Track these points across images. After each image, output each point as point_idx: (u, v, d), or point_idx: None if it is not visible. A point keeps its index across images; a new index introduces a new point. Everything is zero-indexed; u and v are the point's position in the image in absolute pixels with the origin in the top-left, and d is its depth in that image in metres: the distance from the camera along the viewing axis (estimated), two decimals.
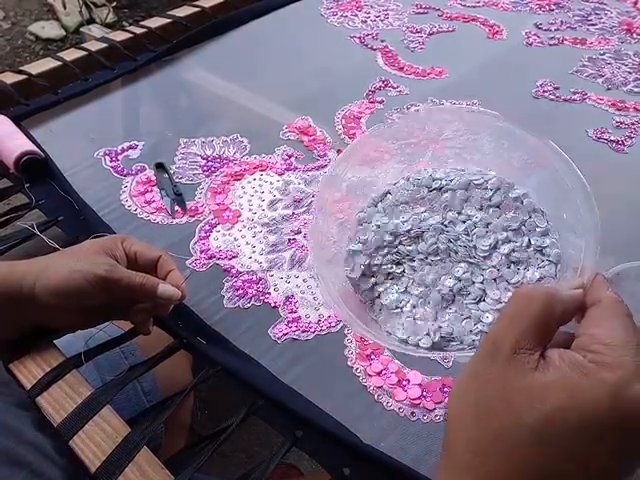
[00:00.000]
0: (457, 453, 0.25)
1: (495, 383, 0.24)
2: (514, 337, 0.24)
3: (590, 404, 0.22)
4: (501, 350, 0.24)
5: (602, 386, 0.22)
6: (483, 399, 0.24)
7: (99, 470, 0.39)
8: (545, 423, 0.22)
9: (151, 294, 0.46)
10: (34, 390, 0.44)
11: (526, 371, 0.24)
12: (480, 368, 0.25)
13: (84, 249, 0.47)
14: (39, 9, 2.44)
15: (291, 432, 0.43)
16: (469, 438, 0.25)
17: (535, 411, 0.23)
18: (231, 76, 0.86)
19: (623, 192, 0.66)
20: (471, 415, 0.25)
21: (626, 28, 1.00)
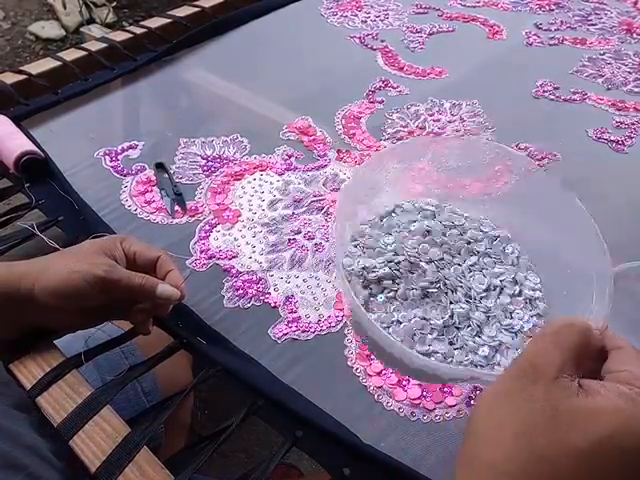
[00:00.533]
0: (486, 471, 0.25)
1: (539, 402, 0.24)
2: (560, 361, 0.25)
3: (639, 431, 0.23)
4: (544, 372, 0.25)
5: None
6: (524, 417, 0.24)
7: (99, 470, 0.39)
8: (596, 448, 0.23)
9: (150, 294, 0.46)
10: (34, 390, 0.44)
11: (571, 395, 0.24)
12: (516, 387, 0.25)
13: (83, 249, 0.47)
14: (39, 9, 2.44)
15: (291, 432, 0.43)
16: (503, 454, 0.24)
17: (587, 434, 0.23)
18: (231, 76, 0.86)
19: (623, 192, 0.66)
20: (508, 433, 0.24)
21: (626, 28, 1.00)
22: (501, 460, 0.24)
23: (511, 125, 0.76)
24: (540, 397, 0.24)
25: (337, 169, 0.69)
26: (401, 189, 0.67)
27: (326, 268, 0.57)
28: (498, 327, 0.45)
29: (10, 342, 0.46)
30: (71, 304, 0.44)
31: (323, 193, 0.65)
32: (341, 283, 0.42)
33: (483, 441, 0.25)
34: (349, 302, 0.41)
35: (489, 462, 0.24)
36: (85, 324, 0.48)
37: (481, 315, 0.46)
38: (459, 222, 0.53)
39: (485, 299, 0.47)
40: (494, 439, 0.25)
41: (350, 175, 0.68)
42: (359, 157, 0.70)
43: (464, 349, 0.44)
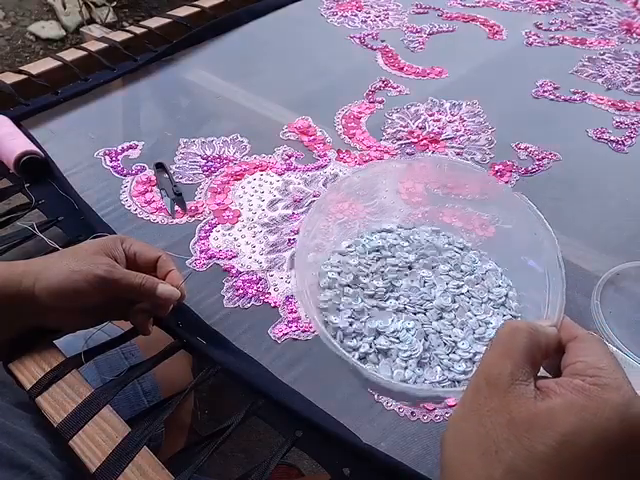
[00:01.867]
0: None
1: (497, 416, 0.24)
2: (509, 369, 0.25)
3: (601, 424, 0.22)
4: (497, 384, 0.24)
5: (609, 405, 0.23)
6: (486, 434, 0.24)
7: (99, 470, 0.39)
8: (559, 448, 0.22)
9: (150, 294, 0.46)
10: (34, 390, 0.44)
11: (527, 400, 0.24)
12: (475, 406, 0.25)
13: (83, 249, 0.46)
14: (39, 9, 2.44)
15: (291, 432, 0.43)
16: (476, 476, 0.23)
17: (547, 438, 0.22)
18: (231, 76, 0.87)
19: (623, 192, 0.66)
20: (475, 453, 0.24)
21: (626, 28, 1.00)
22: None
23: (511, 125, 0.76)
24: (498, 409, 0.24)
25: (337, 169, 0.69)
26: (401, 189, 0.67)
27: None
28: (472, 339, 0.45)
29: (10, 342, 0.46)
30: (71, 303, 0.44)
31: (323, 193, 0.65)
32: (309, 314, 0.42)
33: (455, 468, 0.25)
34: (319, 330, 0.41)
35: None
36: (85, 324, 0.48)
37: (454, 330, 0.45)
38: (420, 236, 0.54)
39: (454, 311, 0.46)
40: (464, 464, 0.24)
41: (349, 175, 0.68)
42: (359, 157, 0.70)
43: (440, 367, 0.43)
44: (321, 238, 0.50)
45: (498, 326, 0.45)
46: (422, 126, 0.76)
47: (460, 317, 0.46)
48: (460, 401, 0.26)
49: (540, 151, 0.71)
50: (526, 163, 0.70)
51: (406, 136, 0.74)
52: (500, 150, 0.72)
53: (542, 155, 0.71)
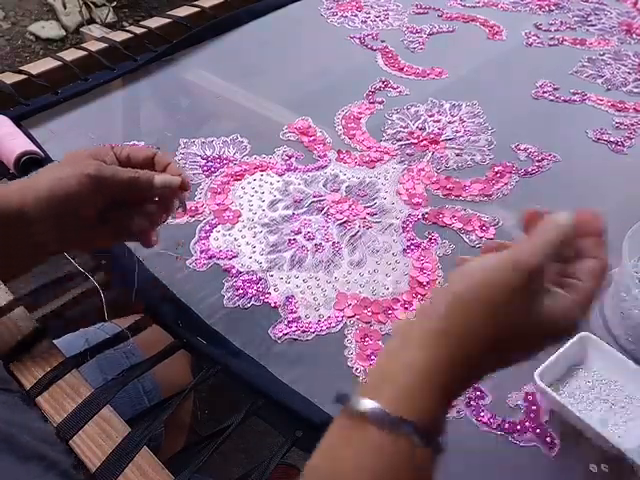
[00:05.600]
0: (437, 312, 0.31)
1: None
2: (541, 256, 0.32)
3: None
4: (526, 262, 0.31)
5: (505, 255, 0.31)
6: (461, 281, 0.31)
7: (99, 470, 0.39)
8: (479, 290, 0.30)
9: (148, 187, 0.43)
10: (34, 390, 0.44)
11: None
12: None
13: (71, 157, 0.43)
14: (39, 9, 2.44)
15: (291, 432, 0.43)
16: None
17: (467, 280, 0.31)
18: (231, 76, 0.87)
19: (623, 193, 0.66)
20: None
21: (626, 29, 1.00)
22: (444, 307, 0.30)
23: (511, 126, 0.76)
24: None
25: (337, 170, 0.69)
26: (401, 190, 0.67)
27: (326, 269, 0.57)
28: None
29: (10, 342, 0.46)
30: (66, 211, 0.41)
31: (323, 194, 0.65)
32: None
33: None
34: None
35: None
36: (83, 240, 0.45)
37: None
38: None
39: None
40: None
41: (350, 175, 0.68)
42: (359, 158, 0.70)
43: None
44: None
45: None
46: (422, 127, 0.76)
47: None
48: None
49: (540, 152, 0.71)
50: (526, 164, 0.70)
51: (406, 137, 0.74)
52: (500, 151, 0.72)
53: (542, 156, 0.71)
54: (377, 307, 0.53)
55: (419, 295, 0.54)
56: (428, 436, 0.28)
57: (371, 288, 0.55)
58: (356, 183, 0.67)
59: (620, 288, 0.48)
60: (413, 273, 0.56)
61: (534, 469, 0.42)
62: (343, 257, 0.58)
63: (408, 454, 0.28)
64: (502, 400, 0.46)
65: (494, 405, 0.46)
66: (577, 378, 0.46)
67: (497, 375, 0.47)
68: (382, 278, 0.56)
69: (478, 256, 0.34)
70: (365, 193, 0.65)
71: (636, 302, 0.46)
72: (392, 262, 0.57)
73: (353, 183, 0.67)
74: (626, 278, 0.46)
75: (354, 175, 0.68)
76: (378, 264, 0.57)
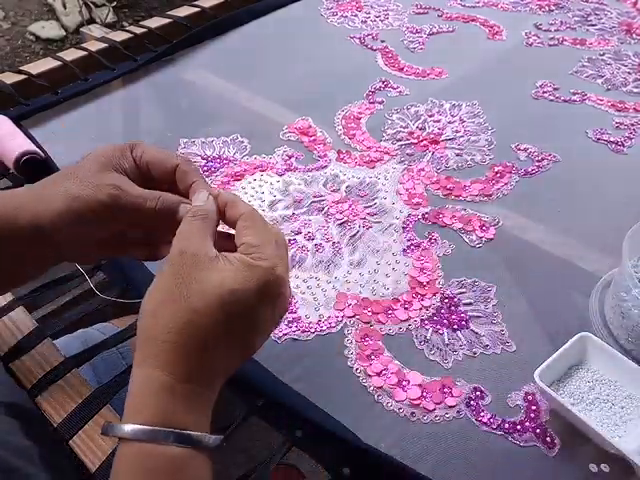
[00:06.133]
0: (160, 336, 0.31)
1: (190, 273, 0.31)
2: (196, 242, 0.33)
3: (254, 283, 0.32)
4: (187, 252, 0.32)
5: (259, 270, 0.32)
6: (181, 287, 0.31)
7: (99, 470, 0.39)
8: (228, 293, 0.31)
9: (170, 216, 0.38)
10: (34, 390, 0.44)
11: (209, 259, 0.32)
12: (173, 269, 0.32)
13: (86, 167, 0.38)
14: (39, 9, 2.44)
15: (291, 432, 0.43)
16: (172, 321, 0.31)
17: (221, 286, 0.31)
18: (231, 76, 0.87)
19: (623, 192, 0.66)
20: (169, 304, 0.31)
21: (626, 29, 1.00)
22: (167, 327, 0.30)
23: (511, 126, 0.76)
24: (188, 271, 0.31)
25: (337, 170, 0.69)
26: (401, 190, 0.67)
27: (326, 269, 0.57)
28: None
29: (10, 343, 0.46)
30: (78, 231, 0.38)
31: (323, 194, 0.65)
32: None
33: (148, 320, 0.32)
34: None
35: (159, 334, 0.31)
36: (103, 254, 0.43)
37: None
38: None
39: None
40: (160, 318, 0.31)
41: (350, 175, 0.68)
42: (359, 158, 0.70)
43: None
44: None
45: None
46: (422, 127, 0.76)
47: None
48: (156, 278, 0.33)
49: (540, 152, 0.71)
50: (526, 164, 0.70)
51: (406, 137, 0.74)
52: (500, 151, 0.72)
53: (542, 156, 0.71)
54: (377, 307, 0.53)
55: (419, 295, 0.54)
56: (177, 435, 0.29)
57: (371, 288, 0.55)
58: (356, 183, 0.67)
59: (620, 288, 0.48)
60: (413, 273, 0.56)
61: (534, 469, 0.42)
62: (343, 257, 0.58)
63: (166, 459, 0.29)
64: (502, 400, 0.46)
65: (494, 405, 0.46)
66: (577, 378, 0.46)
67: (497, 375, 0.48)
68: (382, 278, 0.56)
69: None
70: (365, 193, 0.65)
71: (636, 302, 0.46)
72: (392, 262, 0.57)
73: (353, 183, 0.67)
74: (626, 278, 0.46)
75: (354, 175, 0.68)
76: (378, 264, 0.57)
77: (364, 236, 0.60)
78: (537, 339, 0.50)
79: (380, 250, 0.59)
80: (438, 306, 0.53)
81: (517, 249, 0.59)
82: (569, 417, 0.43)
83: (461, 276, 0.56)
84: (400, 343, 0.50)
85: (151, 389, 0.30)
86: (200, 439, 0.30)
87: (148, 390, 0.30)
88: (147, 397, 0.30)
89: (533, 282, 0.55)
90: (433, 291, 0.54)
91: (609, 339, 0.49)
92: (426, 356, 0.49)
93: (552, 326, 0.51)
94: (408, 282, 0.55)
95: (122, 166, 0.39)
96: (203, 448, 0.30)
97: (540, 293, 0.54)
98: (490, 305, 0.53)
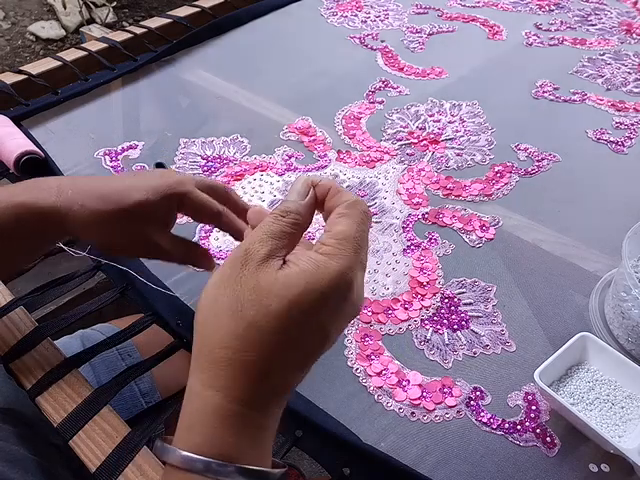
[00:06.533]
0: (209, 352, 0.27)
1: (247, 282, 0.27)
2: (269, 247, 0.28)
3: (319, 287, 0.27)
4: (253, 255, 0.28)
5: (328, 272, 0.27)
6: (236, 297, 0.27)
7: (99, 470, 0.39)
8: (289, 306, 0.26)
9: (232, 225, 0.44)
10: (34, 390, 0.44)
11: (273, 270, 0.27)
12: (231, 273, 0.28)
13: (146, 177, 0.42)
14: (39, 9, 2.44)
15: (291, 432, 0.43)
16: (225, 332, 0.27)
17: (281, 298, 0.26)
18: (231, 76, 0.87)
19: (623, 192, 0.66)
20: (225, 314, 0.27)
21: (626, 28, 1.00)
22: (225, 338, 0.27)
23: (511, 126, 0.76)
24: (249, 277, 0.27)
25: (337, 170, 0.69)
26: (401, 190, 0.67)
27: None
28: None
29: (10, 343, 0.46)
30: (120, 215, 0.39)
31: None
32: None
33: (205, 329, 0.28)
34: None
35: (215, 344, 0.27)
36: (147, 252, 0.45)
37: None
38: None
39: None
40: (214, 324, 0.27)
41: (350, 175, 0.68)
42: (359, 158, 0.70)
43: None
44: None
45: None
46: (422, 127, 0.76)
47: None
48: (219, 270, 0.29)
49: (540, 152, 0.71)
50: (526, 164, 0.70)
51: (406, 137, 0.74)
52: (500, 151, 0.72)
53: (542, 156, 0.71)
54: (377, 307, 0.53)
55: (419, 295, 0.54)
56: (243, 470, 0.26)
57: (371, 288, 0.55)
58: (356, 183, 0.67)
59: (620, 288, 0.48)
60: (413, 273, 0.56)
61: (534, 469, 0.42)
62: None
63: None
64: (502, 400, 0.46)
65: (494, 405, 0.46)
66: (577, 378, 0.46)
67: (497, 375, 0.48)
68: (382, 278, 0.56)
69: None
70: (365, 193, 0.65)
71: (636, 302, 0.46)
72: (392, 262, 0.57)
73: (353, 183, 0.67)
74: (626, 278, 0.46)
75: (354, 175, 0.68)
76: (378, 264, 0.57)
77: None
78: (537, 339, 0.50)
79: (380, 250, 0.59)
80: (438, 306, 0.53)
81: (517, 249, 0.59)
82: (569, 417, 0.43)
83: (461, 276, 0.56)
84: (400, 343, 0.50)
85: (204, 412, 0.27)
86: (259, 473, 0.27)
87: (202, 413, 0.27)
88: (202, 422, 0.27)
89: (533, 282, 0.55)
90: (433, 291, 0.54)
91: (609, 339, 0.49)
92: (426, 356, 0.49)
93: (552, 326, 0.51)
94: (408, 282, 0.55)
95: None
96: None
97: (540, 293, 0.54)
98: (490, 305, 0.53)
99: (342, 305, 0.28)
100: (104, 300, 0.52)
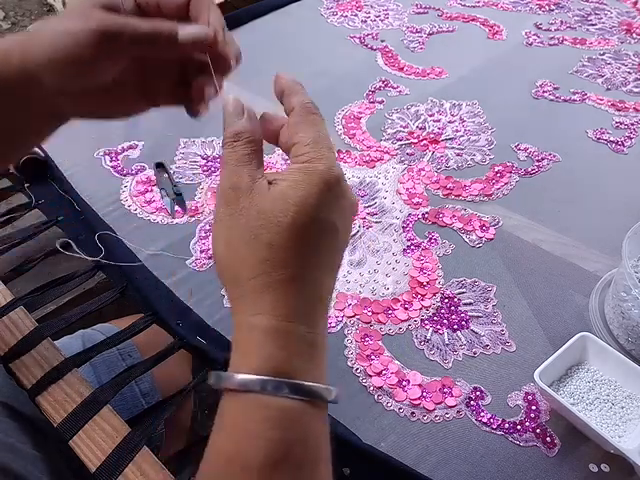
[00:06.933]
0: (243, 287, 0.28)
1: (249, 211, 0.28)
2: (247, 172, 0.29)
3: (315, 189, 0.28)
4: (242, 187, 0.29)
5: (316, 173, 0.28)
6: (245, 227, 0.28)
7: (99, 470, 0.39)
8: (295, 216, 0.27)
9: (171, 40, 0.33)
10: (34, 390, 0.44)
11: (265, 191, 0.28)
12: (229, 210, 0.29)
13: (75, 7, 0.34)
14: (39, 9, 2.44)
15: None
16: (249, 263, 0.28)
17: (285, 212, 0.27)
18: (231, 76, 0.86)
19: (623, 192, 0.66)
20: (241, 247, 0.28)
21: (626, 28, 1.00)
22: (252, 267, 0.28)
23: (511, 125, 0.76)
24: (248, 207, 0.28)
25: None
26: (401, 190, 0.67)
27: None
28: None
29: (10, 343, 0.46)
30: (72, 72, 0.33)
31: None
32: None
33: (230, 266, 0.29)
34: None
35: (245, 277, 0.28)
36: (105, 105, 0.38)
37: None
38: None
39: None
40: (236, 259, 0.28)
41: (350, 175, 0.68)
42: (359, 157, 0.70)
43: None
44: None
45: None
46: (422, 126, 0.76)
47: None
48: (215, 217, 0.30)
49: (540, 152, 0.71)
50: (526, 164, 0.70)
51: (406, 136, 0.74)
52: (500, 151, 0.72)
53: (542, 156, 0.71)
54: (377, 307, 0.53)
55: (419, 295, 0.54)
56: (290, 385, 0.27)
57: (371, 288, 0.55)
58: (356, 183, 0.67)
59: (620, 288, 0.48)
60: (413, 273, 0.56)
61: (534, 469, 0.42)
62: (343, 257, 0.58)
63: (282, 411, 0.26)
64: (502, 400, 0.46)
65: (494, 405, 0.46)
66: (577, 378, 0.46)
67: (497, 375, 0.48)
68: (382, 278, 0.56)
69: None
70: (365, 193, 0.65)
71: (636, 302, 0.46)
72: (392, 262, 0.57)
73: (353, 183, 0.67)
74: (626, 278, 0.46)
75: (354, 175, 0.68)
76: (378, 264, 0.57)
77: (364, 236, 0.60)
78: (537, 339, 0.50)
79: (380, 250, 0.59)
80: (438, 306, 0.53)
81: (517, 249, 0.59)
82: (569, 417, 0.43)
83: (461, 276, 0.56)
84: (400, 343, 0.50)
85: (254, 335, 0.28)
86: (314, 390, 0.27)
87: (252, 337, 0.28)
88: (253, 344, 0.27)
89: (533, 282, 0.55)
90: (433, 291, 0.54)
91: (609, 339, 0.49)
92: (426, 356, 0.49)
93: (552, 326, 0.51)
94: (408, 282, 0.55)
95: (116, 6, 0.34)
96: (318, 400, 0.28)
97: (540, 293, 0.54)
98: (490, 305, 0.53)
99: (340, 199, 0.29)
100: (104, 300, 0.52)
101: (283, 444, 0.25)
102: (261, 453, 0.25)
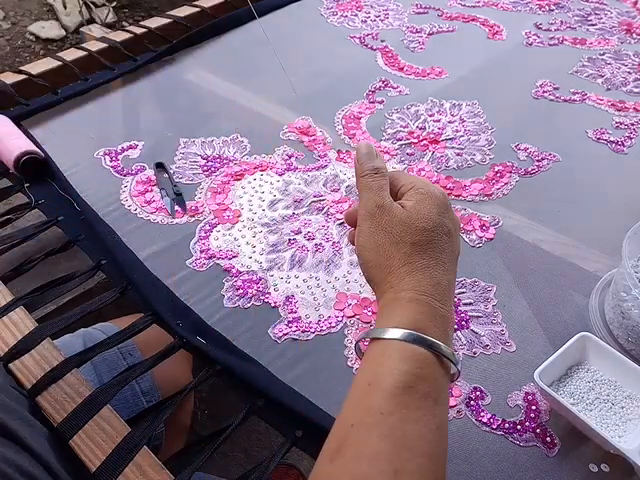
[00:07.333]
0: (393, 274, 0.36)
1: (391, 221, 0.37)
2: (386, 195, 0.38)
3: (435, 202, 0.37)
4: (384, 206, 0.37)
5: (435, 194, 0.38)
6: (390, 232, 0.36)
7: (99, 470, 0.39)
8: (425, 223, 0.36)
9: None
10: (34, 390, 0.44)
11: (400, 210, 0.37)
12: (375, 223, 0.37)
13: None
14: (39, 9, 2.44)
15: (291, 432, 0.43)
16: (398, 257, 0.36)
17: (419, 219, 0.36)
18: (231, 76, 0.87)
19: (623, 192, 0.66)
20: (390, 248, 0.36)
21: (626, 28, 1.00)
22: (400, 260, 0.36)
23: (511, 125, 0.76)
24: (389, 220, 0.37)
25: (337, 169, 0.69)
26: None
27: (326, 269, 0.57)
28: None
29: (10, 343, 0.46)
30: None
31: (323, 194, 0.65)
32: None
33: (382, 263, 0.37)
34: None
35: (395, 267, 0.36)
36: None
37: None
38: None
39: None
40: (385, 257, 0.36)
41: (350, 175, 0.68)
42: None
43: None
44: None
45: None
46: (422, 126, 0.76)
47: None
48: (361, 230, 0.38)
49: (540, 152, 0.71)
50: (526, 164, 0.70)
51: (406, 136, 0.74)
52: (500, 151, 0.72)
53: (542, 156, 0.71)
54: (377, 307, 0.53)
55: None
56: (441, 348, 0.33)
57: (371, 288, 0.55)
58: None
59: (620, 288, 0.48)
60: None
61: (534, 469, 0.42)
62: (343, 257, 0.58)
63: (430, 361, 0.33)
64: (502, 400, 0.46)
65: (494, 405, 0.46)
66: (577, 378, 0.46)
67: (497, 375, 0.48)
68: None
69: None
70: None
71: (636, 302, 0.46)
72: None
73: (353, 183, 0.67)
74: (626, 278, 0.46)
75: (354, 175, 0.68)
76: None
77: None
78: (537, 339, 0.50)
79: None
80: None
81: (517, 249, 0.59)
82: (569, 417, 0.43)
83: (461, 276, 0.56)
84: None
85: (400, 303, 0.34)
86: (443, 349, 0.33)
87: (398, 304, 0.35)
88: (398, 309, 0.34)
89: (533, 282, 0.55)
90: None
91: (609, 339, 0.49)
92: None
93: (552, 326, 0.51)
94: None
95: None
96: (445, 359, 0.33)
97: (540, 293, 0.54)
98: (490, 305, 0.53)
99: (450, 213, 0.38)
100: (104, 300, 0.52)
101: (413, 377, 0.31)
102: (394, 379, 0.31)
